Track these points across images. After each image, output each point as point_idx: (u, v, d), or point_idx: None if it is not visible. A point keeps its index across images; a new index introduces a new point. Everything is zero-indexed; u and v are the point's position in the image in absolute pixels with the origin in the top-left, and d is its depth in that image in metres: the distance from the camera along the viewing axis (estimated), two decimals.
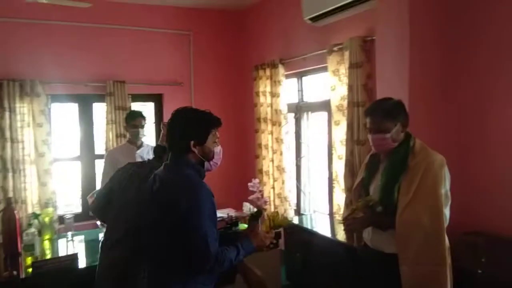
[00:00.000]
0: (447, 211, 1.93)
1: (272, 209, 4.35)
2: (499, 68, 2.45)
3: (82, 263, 2.48)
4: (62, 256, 2.35)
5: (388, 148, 2.00)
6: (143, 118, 3.43)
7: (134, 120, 3.39)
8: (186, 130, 1.74)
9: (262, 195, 2.37)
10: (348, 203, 3.28)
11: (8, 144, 4.01)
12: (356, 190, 2.27)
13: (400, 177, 1.95)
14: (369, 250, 2.13)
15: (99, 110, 4.64)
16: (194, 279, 1.70)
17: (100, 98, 4.53)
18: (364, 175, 2.19)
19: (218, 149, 1.82)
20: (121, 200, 2.14)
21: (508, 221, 2.39)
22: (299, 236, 3.45)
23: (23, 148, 4.09)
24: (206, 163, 1.80)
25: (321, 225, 3.63)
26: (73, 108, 4.60)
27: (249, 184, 2.69)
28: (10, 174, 4.01)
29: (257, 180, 2.70)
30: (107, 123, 4.45)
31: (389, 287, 1.99)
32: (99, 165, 4.51)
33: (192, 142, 1.73)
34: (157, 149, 2.33)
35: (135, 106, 4.76)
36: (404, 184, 1.93)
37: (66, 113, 4.67)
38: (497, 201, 2.48)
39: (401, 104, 2.03)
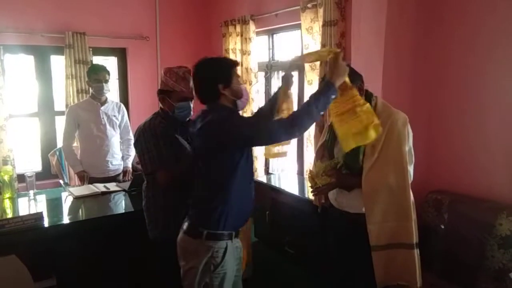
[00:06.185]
0: (411, 168, 1.96)
1: None
2: (471, 36, 2.48)
3: (45, 222, 2.38)
4: (26, 215, 2.24)
5: None
6: (107, 72, 3.26)
7: (97, 74, 3.21)
8: (212, 77, 1.84)
9: None
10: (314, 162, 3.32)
11: None
12: (319, 151, 2.26)
13: None
14: (335, 210, 2.16)
15: (58, 63, 4.35)
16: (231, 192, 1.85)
17: (59, 51, 4.25)
18: (327, 137, 2.18)
19: (242, 87, 1.96)
20: None
21: (470, 180, 2.50)
22: (267, 195, 3.49)
23: None
24: (238, 102, 1.93)
25: (288, 184, 3.67)
26: (29, 60, 4.29)
27: None
28: None
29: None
30: (67, 78, 4.20)
31: (356, 246, 2.03)
32: (60, 122, 4.30)
33: (220, 86, 1.83)
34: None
35: (97, 60, 4.51)
36: (369, 145, 1.94)
37: (21, 66, 4.35)
38: (462, 160, 2.57)
39: (351, 68, 1.95)
